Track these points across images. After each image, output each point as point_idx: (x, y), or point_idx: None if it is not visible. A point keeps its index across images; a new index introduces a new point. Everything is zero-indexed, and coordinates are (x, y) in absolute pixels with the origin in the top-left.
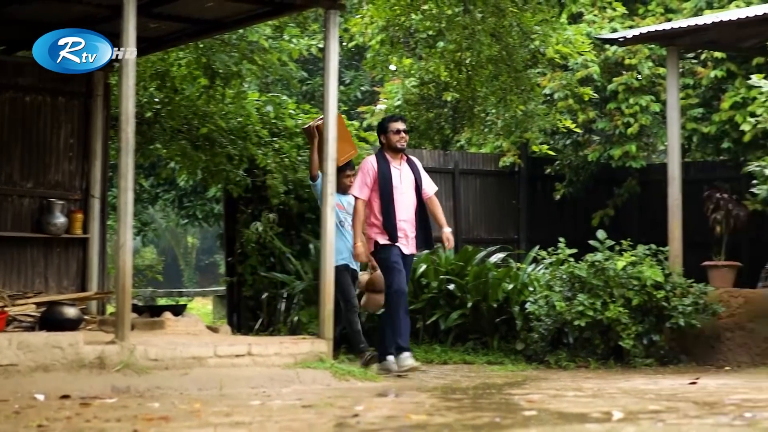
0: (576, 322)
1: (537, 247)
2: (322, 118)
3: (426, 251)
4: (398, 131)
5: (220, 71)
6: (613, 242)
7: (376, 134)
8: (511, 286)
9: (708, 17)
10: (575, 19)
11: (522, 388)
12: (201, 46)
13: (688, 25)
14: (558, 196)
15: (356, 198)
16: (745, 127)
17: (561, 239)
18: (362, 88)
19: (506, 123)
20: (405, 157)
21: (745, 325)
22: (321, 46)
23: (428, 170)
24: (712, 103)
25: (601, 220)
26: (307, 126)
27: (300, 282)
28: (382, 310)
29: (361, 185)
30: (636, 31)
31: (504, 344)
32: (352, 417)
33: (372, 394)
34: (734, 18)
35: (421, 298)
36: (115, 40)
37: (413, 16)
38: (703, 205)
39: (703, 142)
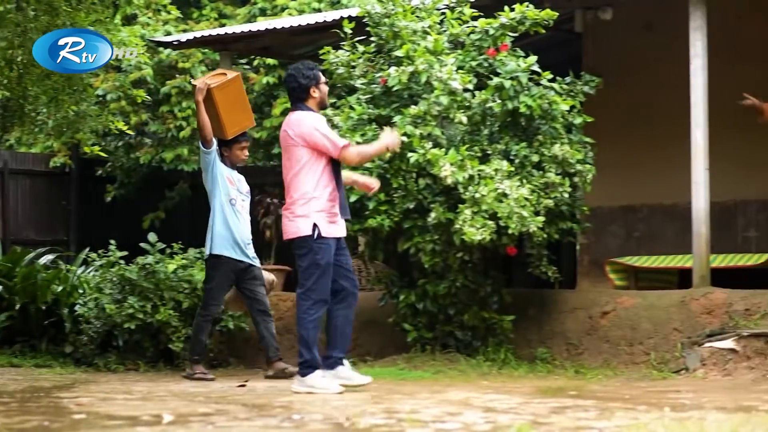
0: (126, 325)
1: (87, 249)
2: (216, 74)
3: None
4: (327, 84)
5: None
6: (164, 245)
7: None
8: (60, 288)
9: (262, 24)
10: (129, 20)
11: (71, 391)
12: None
13: (242, 31)
14: (109, 198)
15: (343, 147)
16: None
17: (112, 241)
18: None
19: (57, 123)
20: None
21: (293, 329)
22: None
23: None
24: (264, 108)
25: (152, 223)
26: (194, 83)
27: None
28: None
29: (334, 135)
30: (190, 35)
31: (53, 347)
32: None
33: None
34: (287, 26)
35: None
36: None
37: None
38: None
39: (254, 147)
